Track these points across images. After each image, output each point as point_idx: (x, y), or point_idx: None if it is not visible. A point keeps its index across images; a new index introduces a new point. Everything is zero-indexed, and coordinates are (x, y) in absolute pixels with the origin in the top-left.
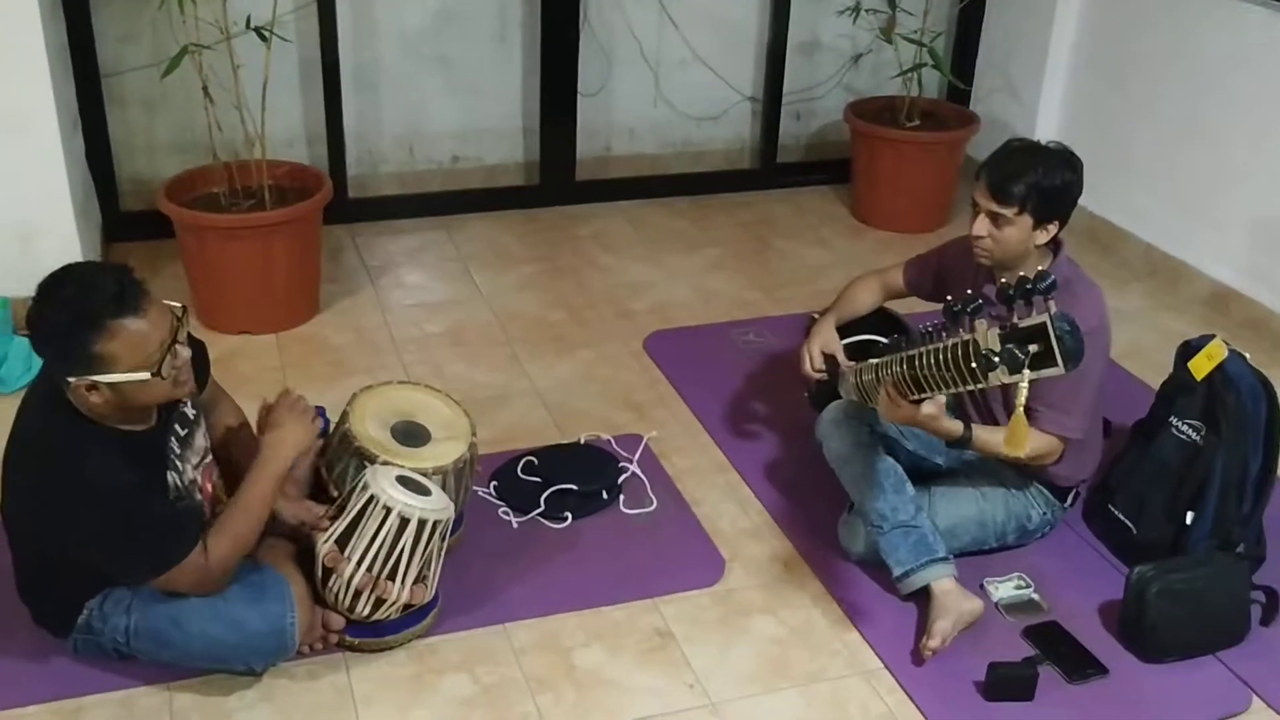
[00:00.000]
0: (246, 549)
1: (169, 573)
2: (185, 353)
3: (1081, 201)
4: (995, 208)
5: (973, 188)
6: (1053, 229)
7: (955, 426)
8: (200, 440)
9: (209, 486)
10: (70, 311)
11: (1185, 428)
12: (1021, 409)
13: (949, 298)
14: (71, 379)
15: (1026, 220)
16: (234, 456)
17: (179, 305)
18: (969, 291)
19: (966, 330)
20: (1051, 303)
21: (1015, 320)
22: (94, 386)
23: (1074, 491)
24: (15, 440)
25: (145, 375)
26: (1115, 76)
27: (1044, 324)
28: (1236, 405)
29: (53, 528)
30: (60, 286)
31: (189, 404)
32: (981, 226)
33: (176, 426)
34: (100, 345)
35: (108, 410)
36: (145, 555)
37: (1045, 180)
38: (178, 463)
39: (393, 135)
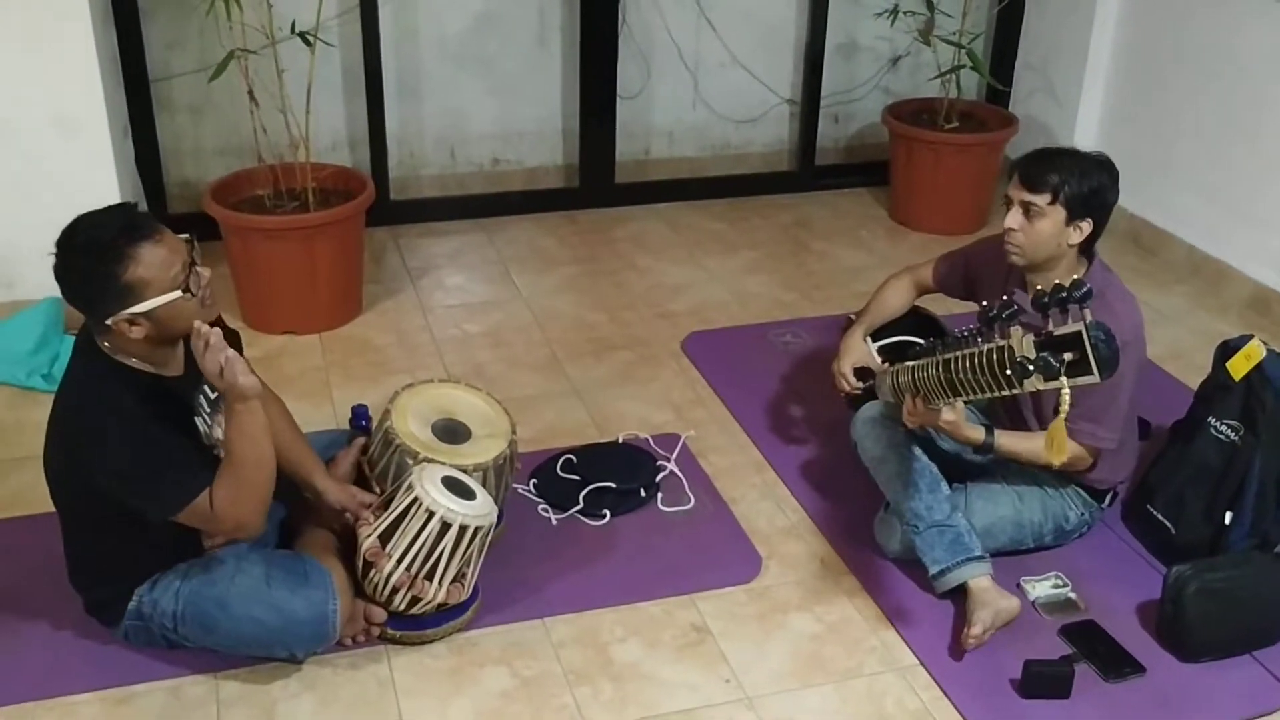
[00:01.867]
0: (261, 495)
1: (181, 511)
2: (206, 272)
3: (1123, 202)
4: (1027, 196)
5: (1008, 187)
6: (1085, 228)
7: (977, 433)
8: None
9: None
10: (89, 253)
11: (1223, 428)
12: (1063, 417)
13: (984, 303)
14: (110, 320)
15: (1059, 212)
16: (276, 449)
17: (185, 235)
18: (1005, 297)
19: (1002, 336)
20: (1087, 311)
21: (1050, 328)
22: (134, 321)
23: (1111, 492)
24: (55, 404)
25: (176, 294)
26: (1156, 77)
27: (1079, 332)
28: (1275, 405)
29: (78, 466)
30: (73, 235)
31: None
32: (1014, 219)
33: (207, 388)
34: (128, 274)
35: (143, 349)
36: (162, 484)
37: (1079, 173)
38: (207, 416)
39: (434, 138)
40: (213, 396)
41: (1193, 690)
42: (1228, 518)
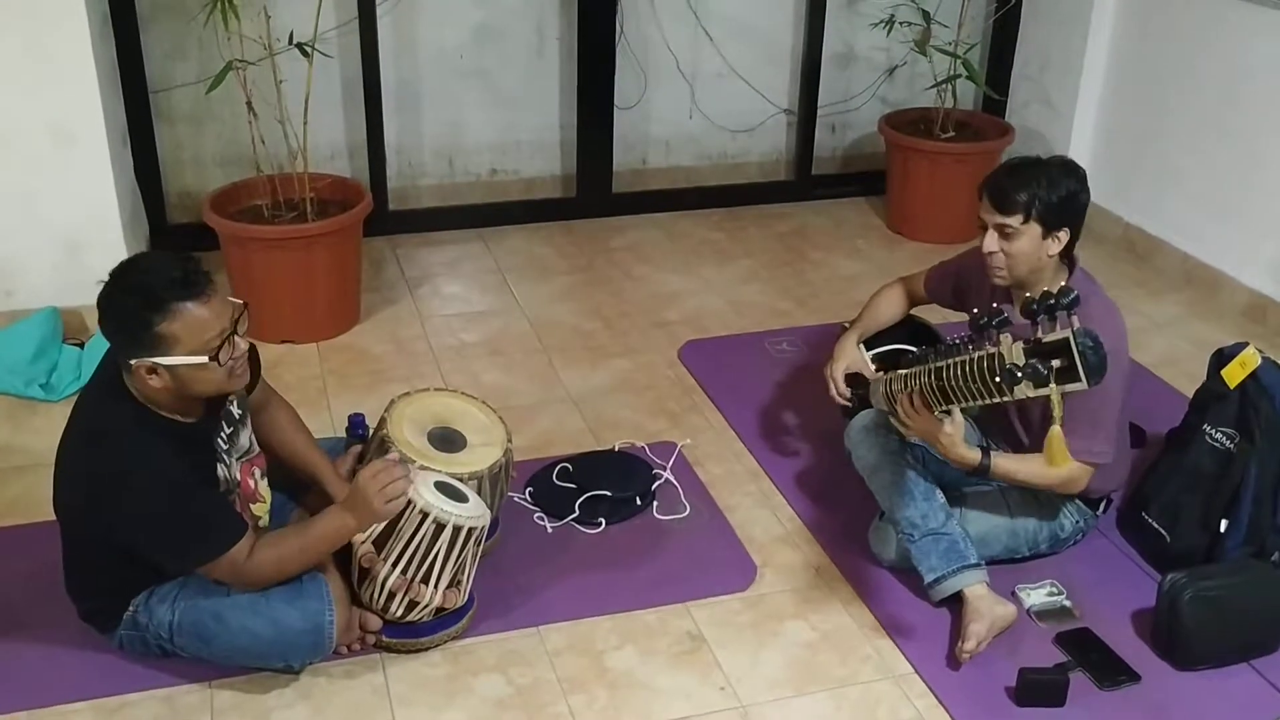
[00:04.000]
0: (286, 575)
1: (207, 565)
2: (243, 345)
3: (1117, 210)
4: (1000, 219)
5: (978, 208)
6: (1063, 237)
7: (973, 455)
8: (244, 439)
9: (249, 483)
10: (136, 293)
11: (1219, 435)
12: (1058, 423)
13: (974, 310)
14: (133, 361)
15: (1035, 229)
16: (288, 455)
17: (241, 301)
18: (994, 305)
19: (992, 344)
20: (1075, 318)
21: (1039, 335)
22: (154, 370)
23: (1106, 500)
24: (70, 430)
25: (203, 359)
26: (1151, 86)
27: (1067, 339)
28: (1270, 413)
29: (101, 511)
30: (128, 272)
31: (235, 403)
32: (992, 242)
33: (223, 424)
34: (163, 325)
35: (163, 397)
36: (190, 541)
37: (1047, 186)
38: (225, 457)
39: (432, 148)
40: (228, 431)
41: (1188, 699)
42: (1223, 525)
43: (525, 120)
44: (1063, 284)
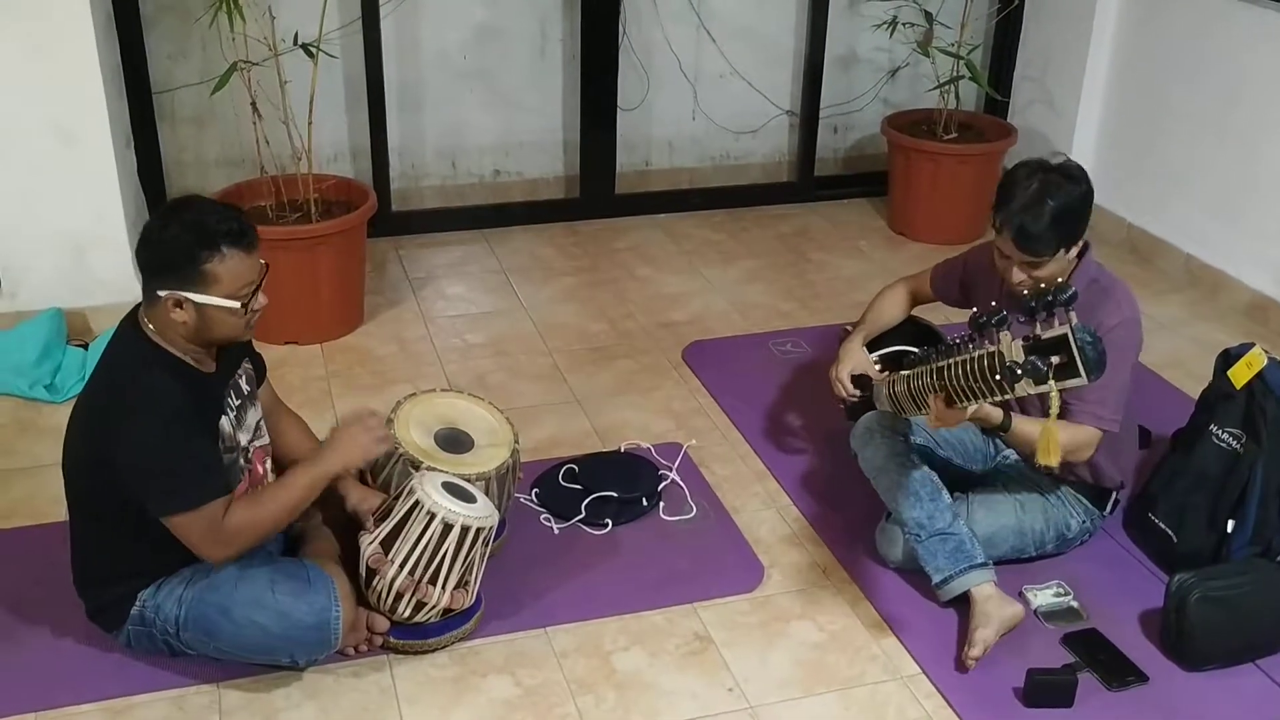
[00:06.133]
0: (264, 533)
1: (186, 514)
2: (264, 300)
3: (1120, 212)
4: (1028, 258)
5: (995, 234)
6: (1080, 243)
7: (995, 413)
8: (253, 416)
9: (260, 469)
10: (193, 229)
11: (1225, 436)
12: (1053, 421)
13: (975, 309)
14: (163, 292)
15: (1060, 253)
16: (299, 458)
17: (264, 263)
18: (993, 303)
19: (991, 342)
20: (1073, 314)
21: (1038, 332)
22: (180, 305)
23: (1113, 499)
24: (88, 382)
25: (235, 304)
26: (1153, 87)
27: (1065, 336)
28: (1277, 413)
29: (98, 439)
30: (183, 208)
31: (244, 378)
32: (1019, 274)
33: (232, 393)
34: (209, 265)
35: (179, 336)
36: (177, 481)
37: (1065, 216)
38: (233, 416)
39: (435, 149)
40: (236, 403)
41: (1196, 699)
42: (1230, 526)
43: (528, 121)
44: (1060, 280)
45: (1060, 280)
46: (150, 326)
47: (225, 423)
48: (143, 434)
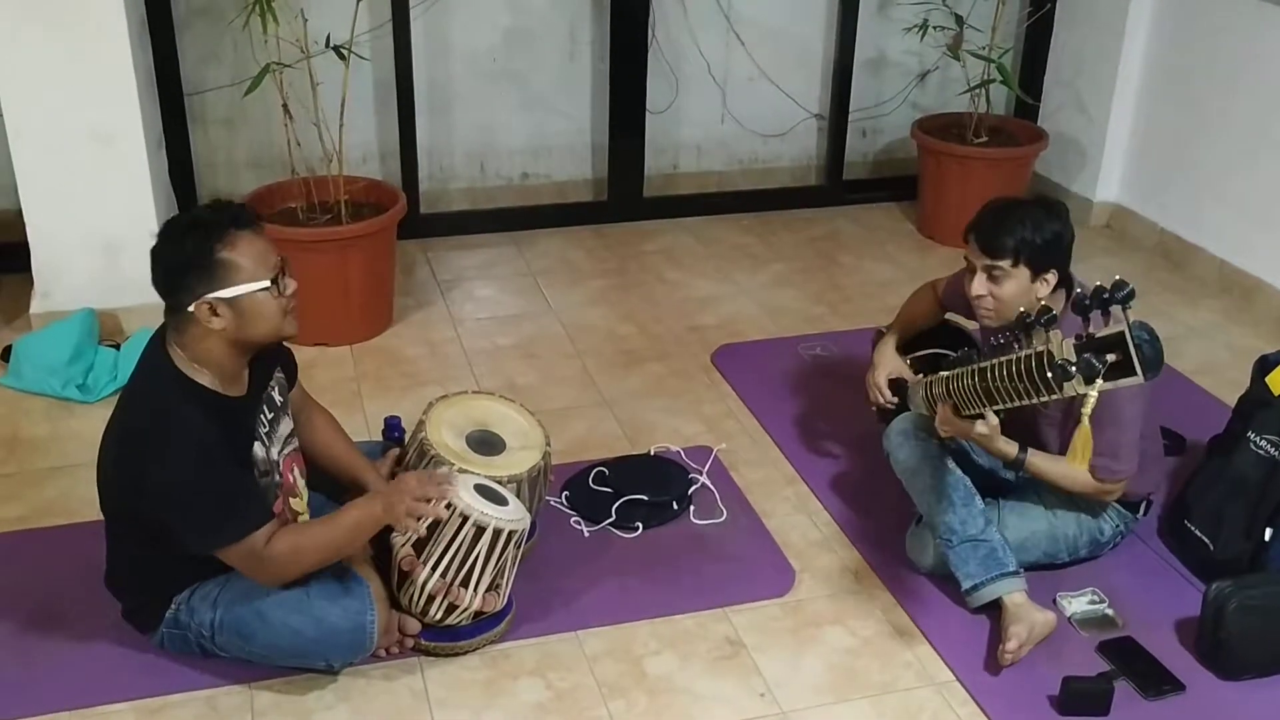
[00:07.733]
0: (309, 565)
1: (227, 547)
2: (293, 284)
3: (1153, 217)
4: (989, 261)
5: (965, 250)
6: (1051, 279)
7: (1010, 448)
8: (285, 427)
9: (290, 478)
10: (192, 229)
11: (1264, 443)
12: (1087, 420)
13: (1021, 309)
14: (193, 305)
15: (1023, 272)
16: (330, 458)
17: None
18: (1042, 303)
19: (1040, 341)
20: (1129, 312)
21: (1090, 330)
22: (215, 311)
23: (1146, 502)
24: (115, 411)
25: (265, 283)
26: (1186, 91)
27: (1122, 333)
28: None
29: (130, 474)
30: (176, 220)
31: (277, 389)
32: (980, 285)
33: (265, 408)
34: (223, 252)
35: (218, 349)
36: (215, 517)
37: (1034, 231)
38: (265, 439)
39: (464, 152)
40: (269, 416)
41: (1234, 708)
42: (1268, 534)
43: (557, 124)
44: (1117, 277)
45: (1117, 277)
46: (179, 353)
47: (258, 448)
48: (172, 474)
